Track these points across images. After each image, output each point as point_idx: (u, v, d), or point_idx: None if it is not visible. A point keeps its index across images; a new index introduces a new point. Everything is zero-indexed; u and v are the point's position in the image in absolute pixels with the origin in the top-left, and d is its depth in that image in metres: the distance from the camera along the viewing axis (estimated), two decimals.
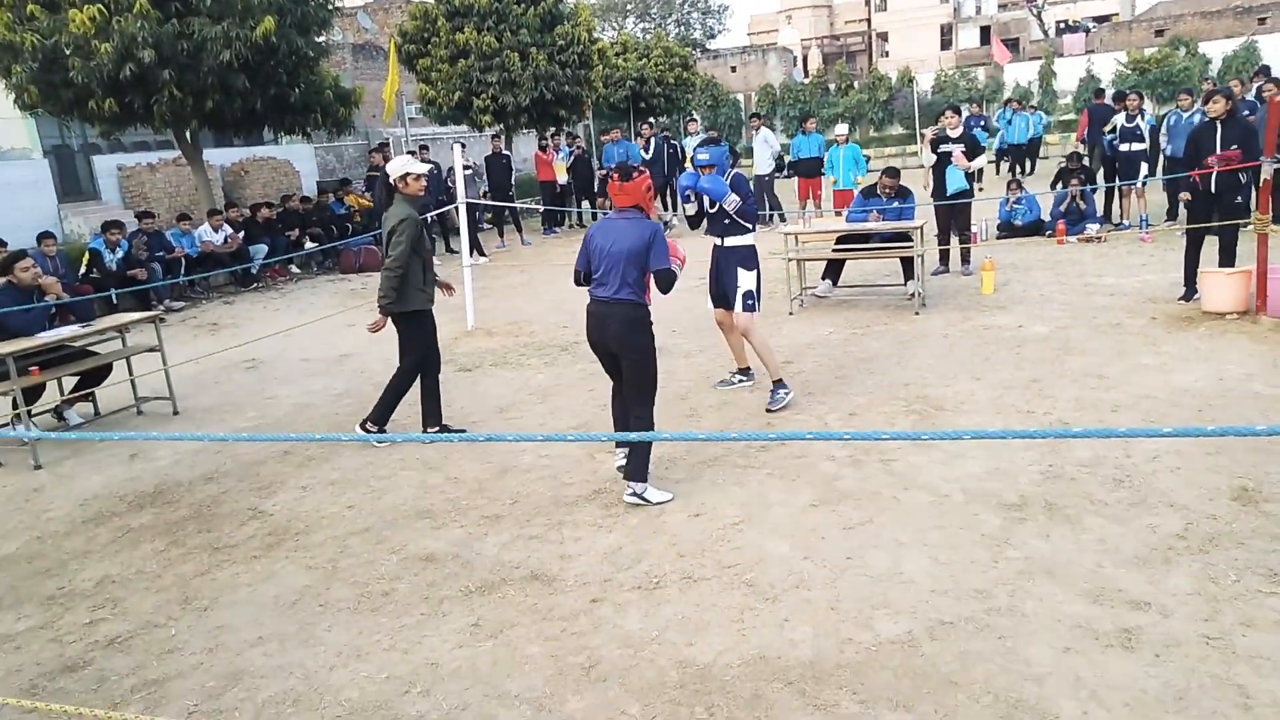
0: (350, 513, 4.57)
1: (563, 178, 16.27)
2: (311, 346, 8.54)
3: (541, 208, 15.85)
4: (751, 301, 5.51)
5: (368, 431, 5.46)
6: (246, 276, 12.45)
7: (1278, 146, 6.19)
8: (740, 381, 6.14)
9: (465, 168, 13.26)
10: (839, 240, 8.53)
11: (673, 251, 4.52)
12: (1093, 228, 10.70)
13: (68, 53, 10.43)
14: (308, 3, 12.30)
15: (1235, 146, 6.91)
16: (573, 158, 16.31)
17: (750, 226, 5.57)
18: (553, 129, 19.22)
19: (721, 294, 5.72)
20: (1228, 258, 7.09)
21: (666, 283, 4.41)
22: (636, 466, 4.36)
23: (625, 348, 4.40)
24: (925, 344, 6.90)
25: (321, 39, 13.60)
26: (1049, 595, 3.22)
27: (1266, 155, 6.19)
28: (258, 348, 8.36)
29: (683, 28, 55.35)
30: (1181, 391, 5.26)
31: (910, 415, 5.33)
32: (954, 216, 9.52)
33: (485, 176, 15.98)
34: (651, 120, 21.94)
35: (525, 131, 20.01)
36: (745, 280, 5.53)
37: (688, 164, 14.58)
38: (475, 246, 13.44)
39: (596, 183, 15.95)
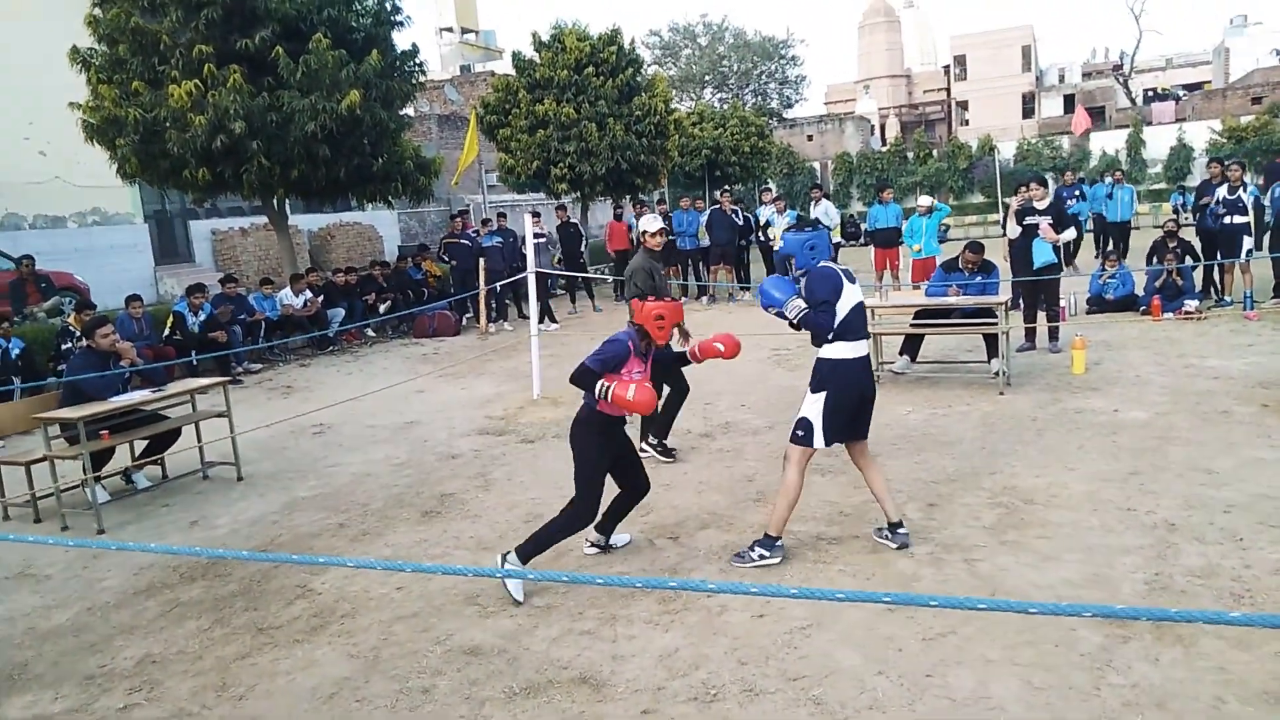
0: (399, 595, 4.40)
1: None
2: (379, 412, 8.54)
3: (610, 277, 15.82)
4: (804, 434, 4.32)
5: (653, 446, 6.31)
6: (324, 340, 12.69)
7: None
8: (884, 535, 4.56)
9: (538, 235, 13.43)
10: (918, 314, 8.20)
11: (707, 347, 4.58)
12: (1191, 304, 10.10)
13: (166, 125, 10.94)
14: (393, 77, 12.71)
15: None
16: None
17: (826, 339, 4.33)
18: (628, 198, 19.42)
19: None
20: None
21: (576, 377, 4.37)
22: (528, 543, 4.24)
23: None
24: (1011, 427, 6.48)
25: (405, 111, 14.03)
26: None
27: None
28: (328, 413, 8.40)
29: (760, 97, 55.98)
30: None
31: (997, 509, 4.93)
32: (1041, 291, 9.10)
33: (559, 244, 16.12)
34: (726, 188, 21.90)
35: (603, 199, 20.24)
36: (807, 404, 4.35)
37: (770, 233, 14.49)
38: (546, 313, 13.52)
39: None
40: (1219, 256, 10.41)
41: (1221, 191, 10.27)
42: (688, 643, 3.67)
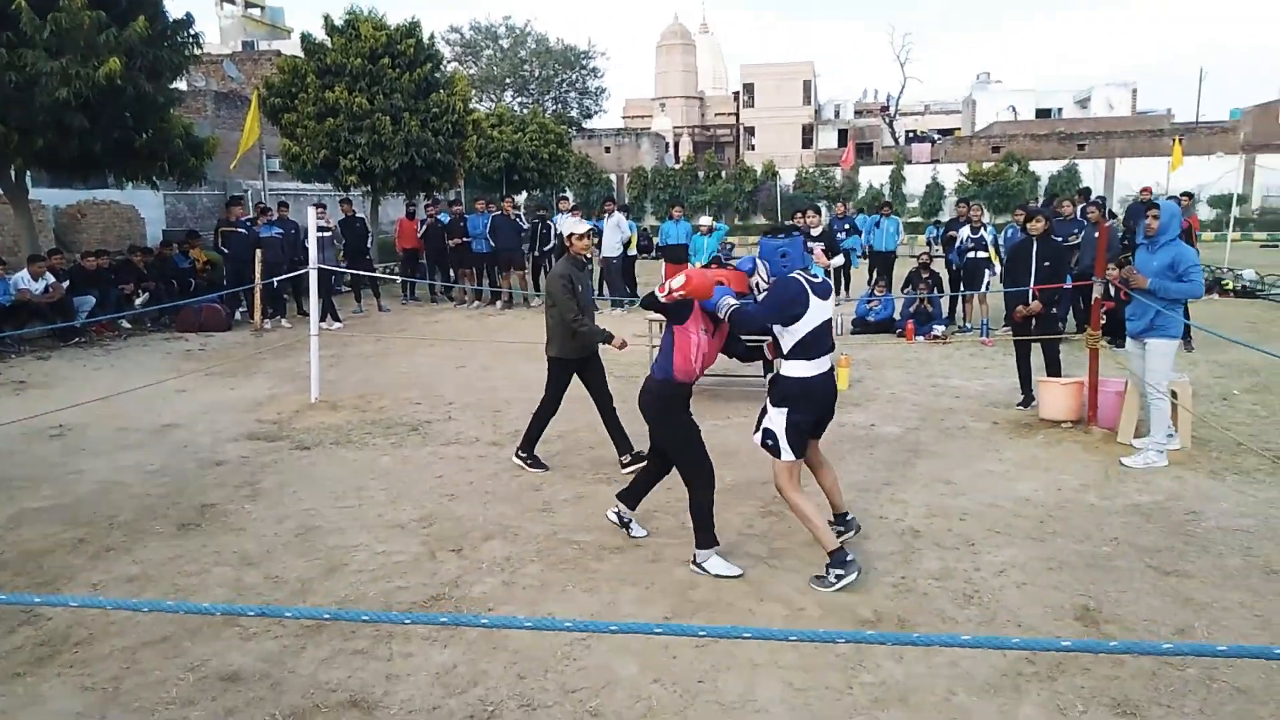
0: (146, 617, 4.00)
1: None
2: (133, 414, 7.76)
3: (398, 278, 15.26)
4: (772, 443, 4.30)
5: (519, 458, 6.21)
6: (68, 331, 11.36)
7: (1107, 266, 6.62)
8: (840, 533, 4.60)
9: (323, 228, 12.75)
10: None
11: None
12: (939, 329, 11.22)
13: None
14: (162, 47, 11.62)
15: (1047, 264, 7.35)
16: (425, 226, 15.94)
17: (783, 351, 4.30)
18: (422, 195, 18.88)
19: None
20: (1054, 367, 7.50)
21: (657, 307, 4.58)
22: (699, 537, 4.43)
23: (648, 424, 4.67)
24: None
25: (176, 85, 12.87)
26: None
27: (1097, 275, 6.60)
28: (70, 414, 7.50)
29: (560, 105, 56.36)
30: (1023, 501, 5.40)
31: (769, 517, 5.23)
32: None
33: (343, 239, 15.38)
34: (507, 195, 21.68)
35: (395, 195, 19.54)
36: (771, 416, 4.33)
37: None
38: (329, 311, 12.85)
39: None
40: (963, 288, 11.64)
41: (965, 230, 11.49)
42: (466, 659, 3.60)
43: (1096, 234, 8.75)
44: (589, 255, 6.24)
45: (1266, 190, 32.76)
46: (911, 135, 54.72)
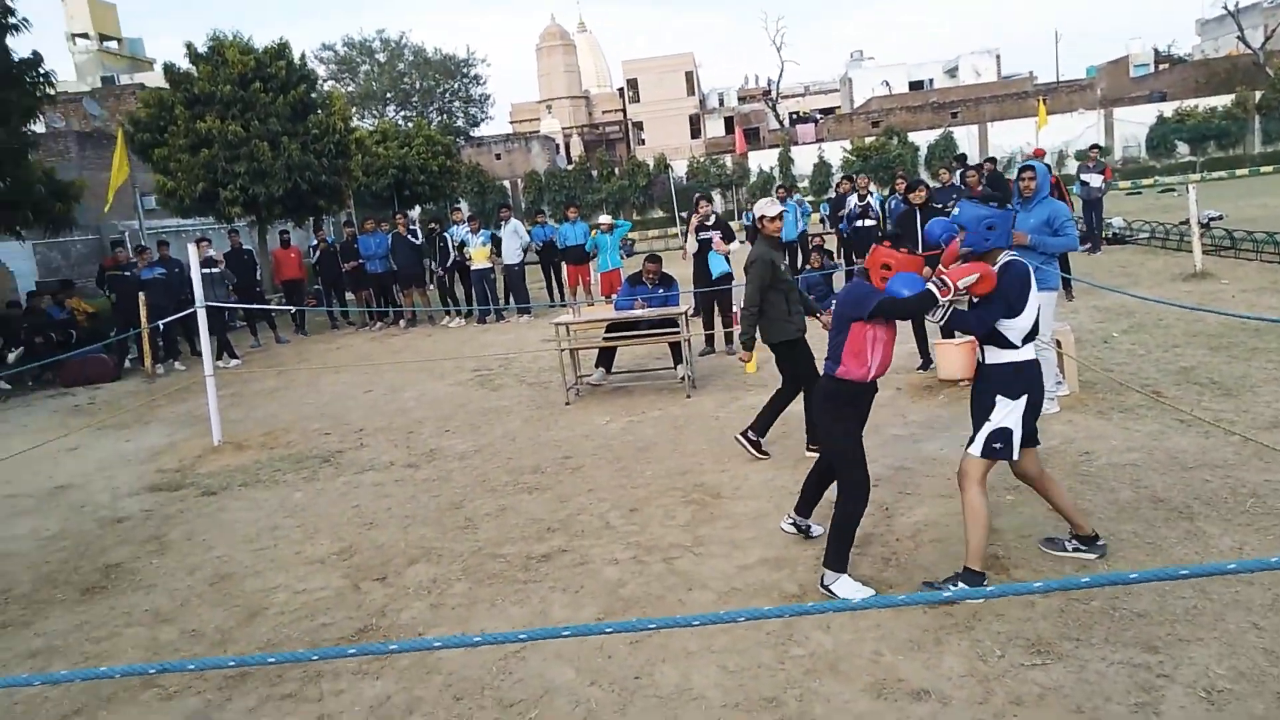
0: (56, 692, 3.81)
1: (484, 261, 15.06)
2: (20, 478, 7.35)
3: (292, 308, 14.78)
4: (1002, 445, 3.79)
5: (749, 441, 5.98)
6: None
7: None
8: (1079, 550, 4.05)
9: (211, 264, 12.27)
10: (609, 328, 8.59)
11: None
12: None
13: None
14: (10, 89, 11.00)
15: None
16: (318, 252, 15.49)
17: (1013, 342, 3.82)
18: (311, 220, 18.37)
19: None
20: (947, 330, 7.79)
21: (894, 310, 3.95)
22: (830, 552, 3.99)
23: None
24: (699, 427, 7.00)
25: (29, 129, 12.19)
26: (835, 694, 3.19)
27: None
28: None
29: (446, 116, 55.58)
30: (930, 461, 5.62)
31: (690, 505, 5.30)
32: (717, 299, 9.91)
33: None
34: (401, 211, 21.20)
35: (282, 222, 18.95)
36: (1004, 412, 3.80)
37: (466, 253, 14.26)
38: (225, 348, 12.40)
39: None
40: (855, 258, 11.97)
41: (852, 200, 11.83)
42: (400, 687, 3.55)
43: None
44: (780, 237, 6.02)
45: (1125, 141, 34.72)
46: (795, 117, 55.93)
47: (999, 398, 3.80)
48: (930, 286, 3.75)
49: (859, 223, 11.69)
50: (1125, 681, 3.09)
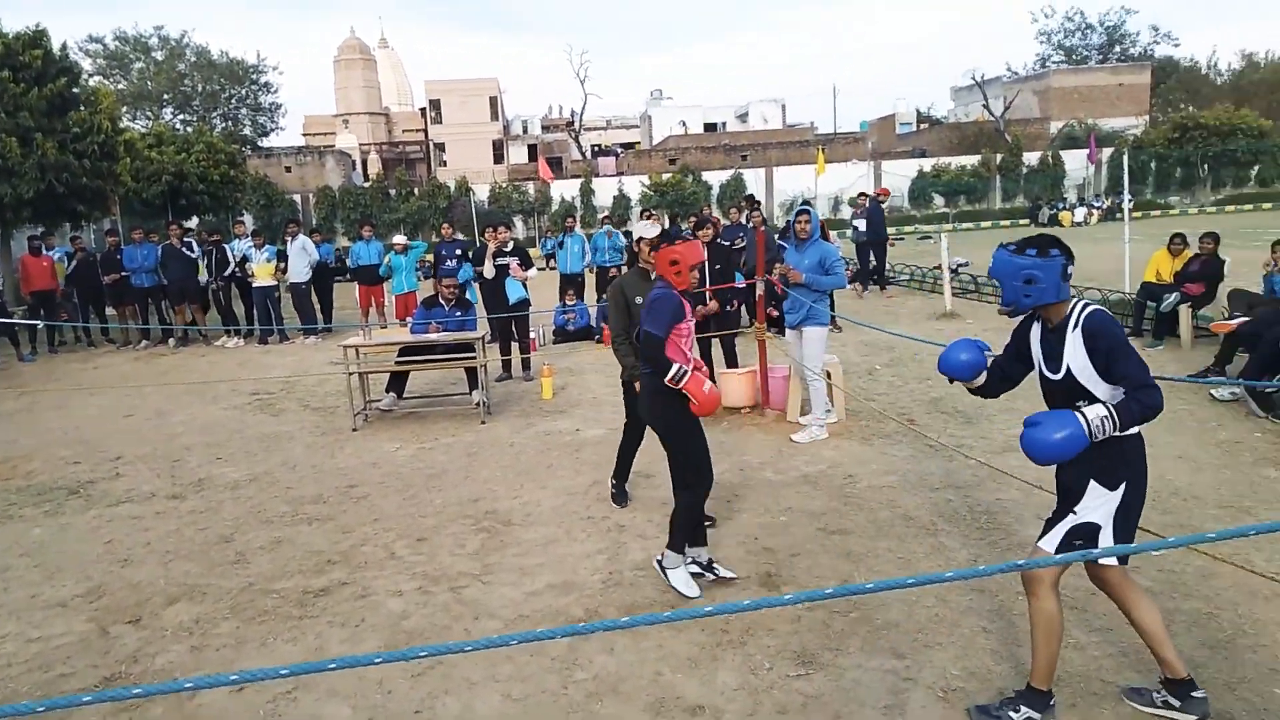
0: None
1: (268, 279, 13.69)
2: None
3: (40, 322, 13.24)
4: (1082, 543, 2.99)
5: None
6: None
7: (767, 268, 7.39)
8: (1168, 705, 3.09)
9: None
10: (402, 352, 8.36)
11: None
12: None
13: None
14: None
15: (718, 267, 8.08)
16: (75, 262, 13.99)
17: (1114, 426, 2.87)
18: (69, 225, 16.61)
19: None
20: (731, 359, 8.24)
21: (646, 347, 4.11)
22: (672, 535, 4.21)
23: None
24: (492, 454, 6.94)
25: None
26: (616, 716, 3.26)
27: (759, 275, 7.34)
28: None
29: (231, 123, 52.17)
30: (714, 485, 5.87)
31: (481, 533, 5.24)
32: (514, 324, 9.91)
33: None
34: (180, 223, 19.65)
35: (33, 227, 16.99)
36: (1094, 503, 2.99)
37: (249, 269, 13.34)
38: None
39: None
40: None
41: None
42: None
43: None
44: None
45: (892, 190, 38.16)
46: (597, 149, 57.13)
47: (1092, 484, 2.99)
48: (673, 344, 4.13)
49: None
50: (877, 686, 3.38)
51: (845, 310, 13.74)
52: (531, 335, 11.17)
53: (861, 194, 16.11)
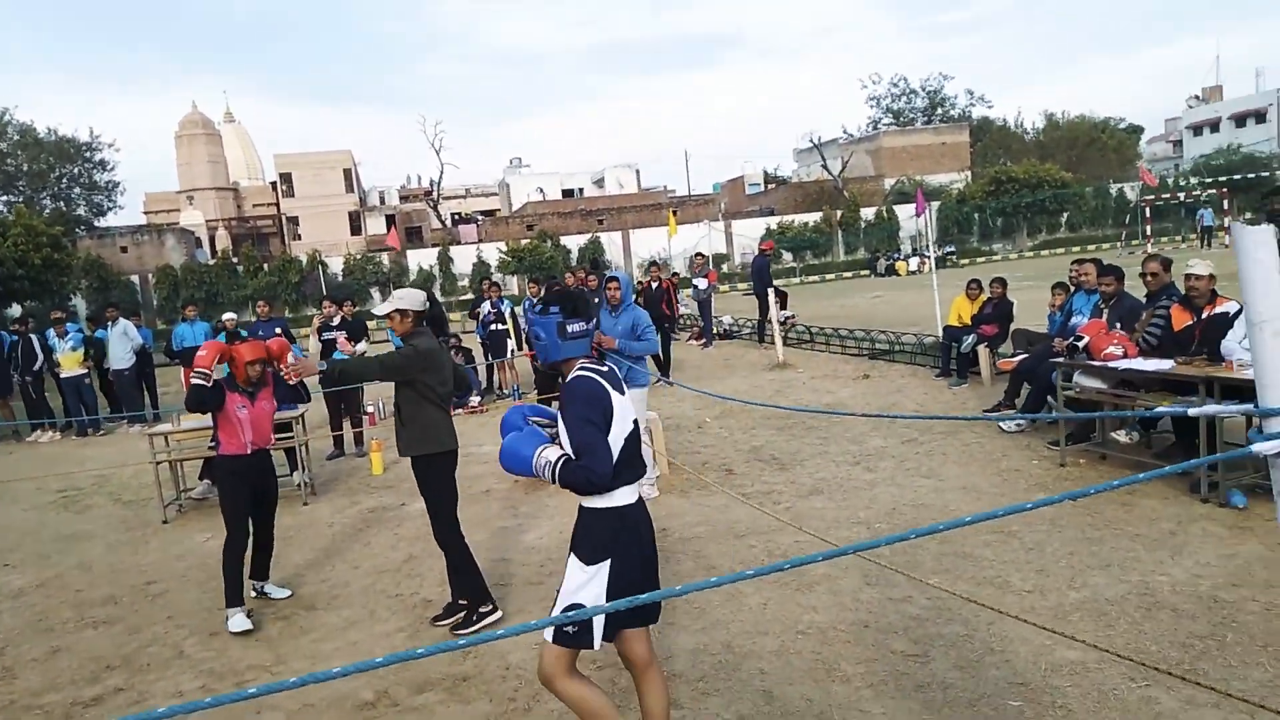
0: None
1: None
2: None
3: None
4: (574, 630, 2.87)
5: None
6: None
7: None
8: None
9: None
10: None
11: None
12: (474, 399, 11.79)
13: None
14: None
15: None
16: None
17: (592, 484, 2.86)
18: None
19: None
20: None
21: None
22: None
23: None
24: (308, 536, 6.73)
25: None
26: None
27: None
28: None
29: (63, 203, 49.28)
30: (529, 550, 5.89)
31: (279, 621, 5.05)
32: (343, 400, 9.69)
33: None
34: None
35: None
36: (576, 581, 2.92)
37: (57, 359, 12.54)
38: None
39: None
40: (490, 357, 12.37)
41: (486, 305, 12.29)
42: None
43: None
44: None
45: (742, 249, 39.69)
46: (457, 217, 57.03)
47: (571, 558, 2.97)
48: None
49: (493, 326, 12.15)
50: None
51: (689, 362, 14.15)
52: (369, 409, 10.95)
53: (699, 254, 16.69)
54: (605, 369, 3.01)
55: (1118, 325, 6.78)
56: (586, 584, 2.87)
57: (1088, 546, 4.99)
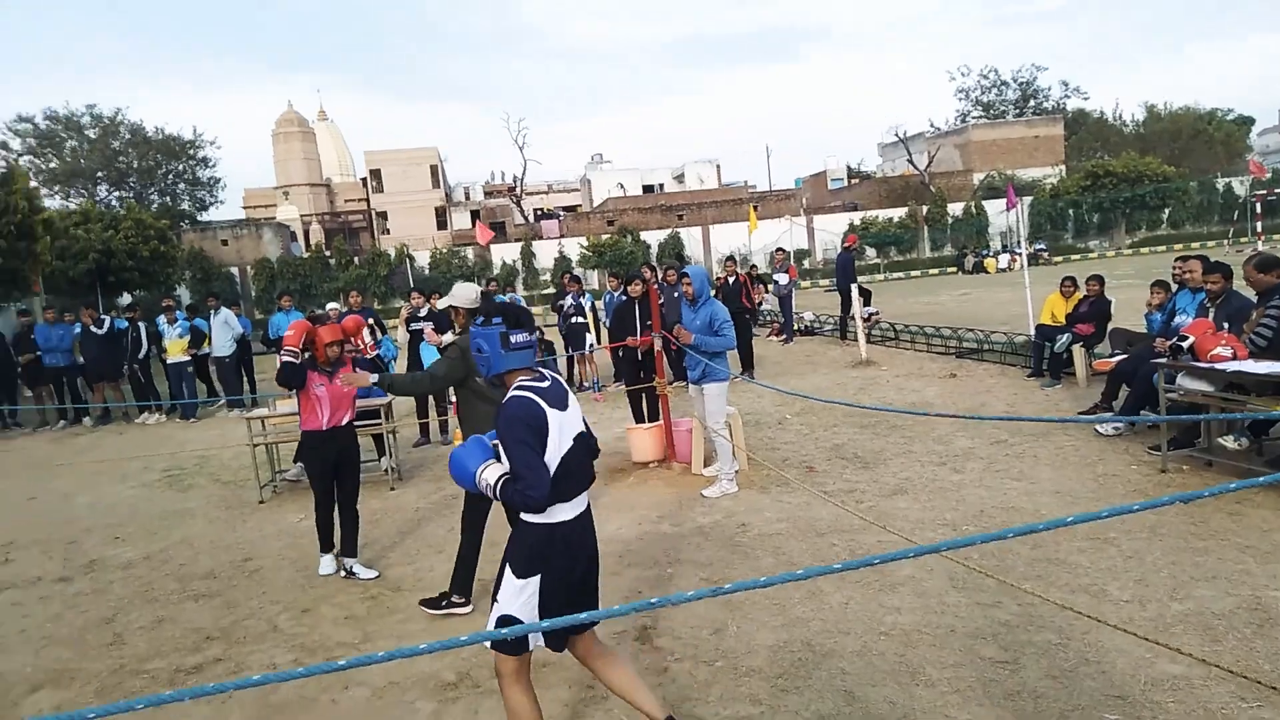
0: None
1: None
2: None
3: None
4: (508, 646, 3.02)
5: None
6: None
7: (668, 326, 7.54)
8: None
9: None
10: None
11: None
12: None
13: None
14: None
15: (649, 322, 8.26)
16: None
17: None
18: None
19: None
20: (643, 414, 8.35)
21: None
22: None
23: None
24: (395, 520, 6.91)
25: None
26: None
27: (655, 331, 7.50)
28: None
29: (169, 198, 51.71)
30: (608, 540, 5.90)
31: (368, 601, 5.20)
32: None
33: None
34: (90, 301, 19.41)
35: None
36: (507, 593, 3.01)
37: (165, 345, 13.24)
38: None
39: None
40: (570, 350, 12.50)
41: (569, 299, 12.41)
42: None
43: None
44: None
45: (825, 244, 39.14)
46: (540, 213, 57.81)
47: (506, 569, 3.02)
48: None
49: (573, 319, 12.26)
50: None
51: (769, 358, 14.03)
52: (451, 400, 11.18)
53: (779, 249, 16.50)
54: (547, 384, 3.03)
55: (1225, 325, 6.45)
56: (517, 596, 2.97)
57: (1191, 557, 4.76)
